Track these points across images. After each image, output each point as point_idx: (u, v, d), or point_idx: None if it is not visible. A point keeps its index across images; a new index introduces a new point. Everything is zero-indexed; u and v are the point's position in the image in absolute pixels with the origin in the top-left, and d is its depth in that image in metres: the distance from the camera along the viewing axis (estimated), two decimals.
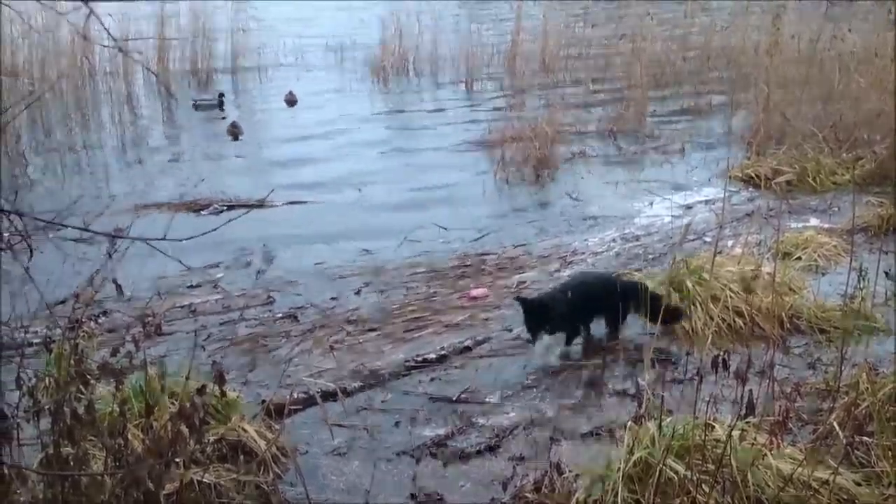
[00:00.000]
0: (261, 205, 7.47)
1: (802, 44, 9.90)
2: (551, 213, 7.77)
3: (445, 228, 7.22)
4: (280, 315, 5.47)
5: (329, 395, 4.34)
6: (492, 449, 3.96)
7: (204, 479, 3.27)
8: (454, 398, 4.43)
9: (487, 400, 4.42)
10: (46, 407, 2.78)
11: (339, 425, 4.13)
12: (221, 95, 12.03)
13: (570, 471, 3.45)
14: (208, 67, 13.89)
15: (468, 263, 6.39)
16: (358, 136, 10.58)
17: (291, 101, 12.39)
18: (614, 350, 4.88)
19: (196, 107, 11.84)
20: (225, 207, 7.55)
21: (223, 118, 11.34)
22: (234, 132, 10.43)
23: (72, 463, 2.72)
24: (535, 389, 4.54)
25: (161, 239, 2.49)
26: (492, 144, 9.66)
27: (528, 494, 3.48)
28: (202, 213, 7.47)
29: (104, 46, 3.01)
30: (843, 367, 3.50)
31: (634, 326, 5.12)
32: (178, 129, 11.21)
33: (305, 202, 7.97)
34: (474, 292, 5.78)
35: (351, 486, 3.70)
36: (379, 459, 3.85)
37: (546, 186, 8.63)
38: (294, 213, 7.73)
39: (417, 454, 3.92)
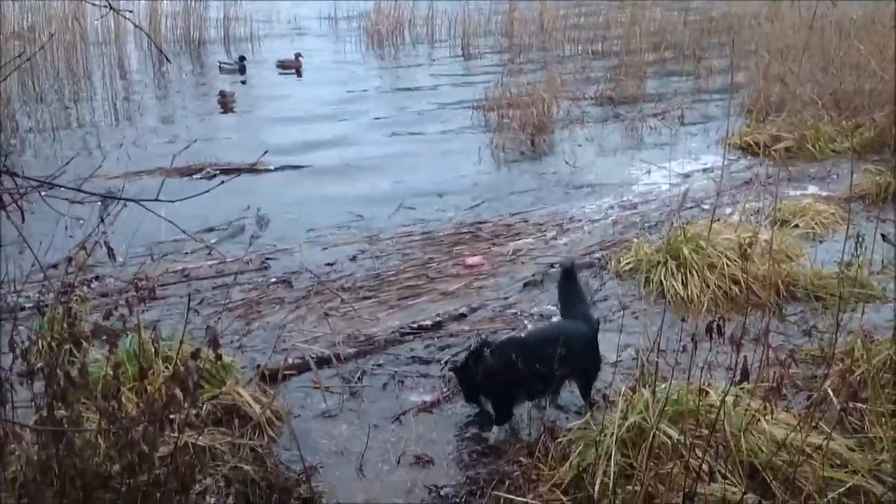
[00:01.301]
0: (254, 169, 7.42)
1: (803, 11, 9.77)
2: (548, 180, 7.72)
3: (441, 196, 7.17)
4: (274, 281, 5.44)
5: (323, 361, 4.34)
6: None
7: (198, 442, 3.27)
8: (444, 363, 4.42)
9: None
10: (39, 368, 2.77)
11: (330, 389, 4.14)
12: (243, 59, 11.95)
13: (563, 435, 3.46)
14: (201, 34, 13.68)
15: (464, 231, 6.36)
16: (352, 103, 10.46)
17: (288, 66, 12.24)
18: None
19: (220, 69, 11.94)
20: (218, 172, 7.49)
21: (243, 81, 11.43)
22: (225, 102, 10.27)
23: (65, 425, 2.71)
24: None
25: (153, 200, 2.42)
26: (488, 111, 9.57)
27: (521, 458, 3.50)
28: (195, 177, 7.40)
29: (94, 5, 2.91)
30: (838, 335, 3.49)
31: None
32: (170, 95, 11.07)
33: (300, 167, 7.91)
34: (470, 261, 5.75)
35: (342, 448, 3.71)
36: (370, 423, 3.86)
37: (543, 154, 8.57)
38: (289, 178, 7.67)
39: (406, 419, 3.92)
